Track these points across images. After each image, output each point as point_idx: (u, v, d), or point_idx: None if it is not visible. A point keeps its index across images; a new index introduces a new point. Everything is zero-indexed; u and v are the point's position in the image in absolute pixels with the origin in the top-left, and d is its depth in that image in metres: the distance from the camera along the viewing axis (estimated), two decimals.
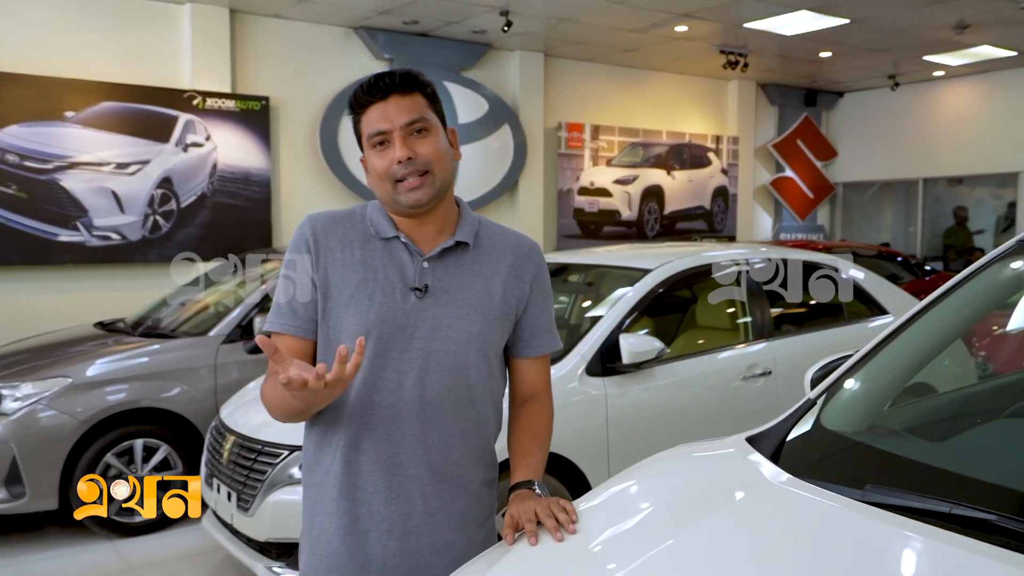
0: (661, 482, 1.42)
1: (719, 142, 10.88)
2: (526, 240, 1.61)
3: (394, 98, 1.44)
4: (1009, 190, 11.43)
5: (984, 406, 1.87)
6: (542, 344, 1.59)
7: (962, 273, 1.91)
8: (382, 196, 1.49)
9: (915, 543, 1.17)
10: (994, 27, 8.00)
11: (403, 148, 1.42)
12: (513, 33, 7.85)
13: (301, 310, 1.47)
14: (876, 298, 4.74)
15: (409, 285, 1.47)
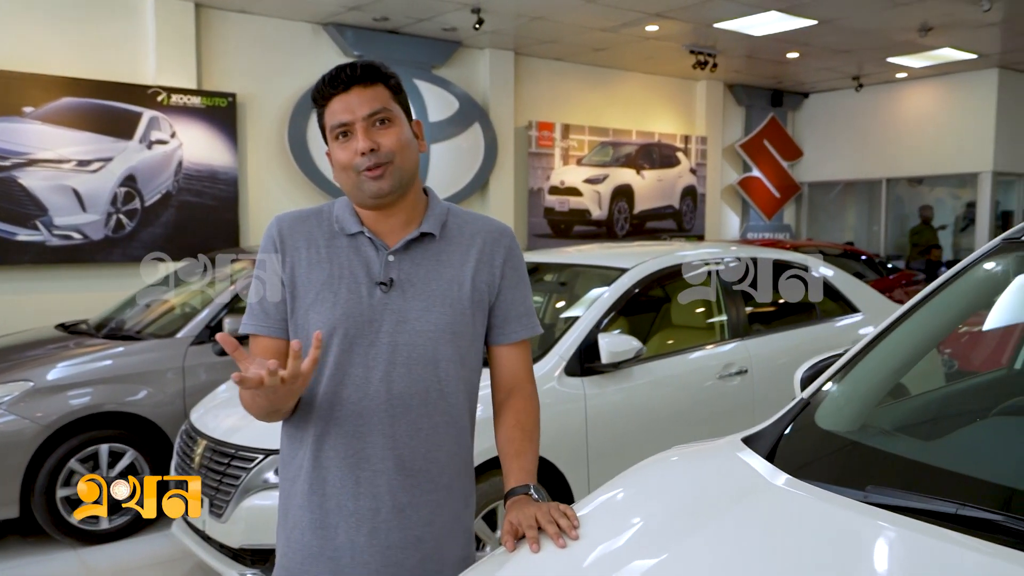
0: (661, 485, 1.39)
1: (688, 142, 10.95)
2: (496, 224, 1.59)
3: (356, 89, 1.44)
4: (967, 190, 11.67)
5: (972, 404, 1.87)
6: (517, 330, 1.57)
7: (950, 272, 1.92)
8: (347, 188, 1.49)
9: (922, 544, 1.15)
10: (956, 30, 8.14)
11: (365, 139, 1.42)
12: (484, 31, 7.80)
13: (273, 310, 1.48)
14: (847, 296, 4.78)
15: (374, 280, 1.47)
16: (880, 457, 1.44)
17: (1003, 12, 7.35)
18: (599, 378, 3.52)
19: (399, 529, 1.46)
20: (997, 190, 10.80)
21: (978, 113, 10.55)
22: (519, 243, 1.64)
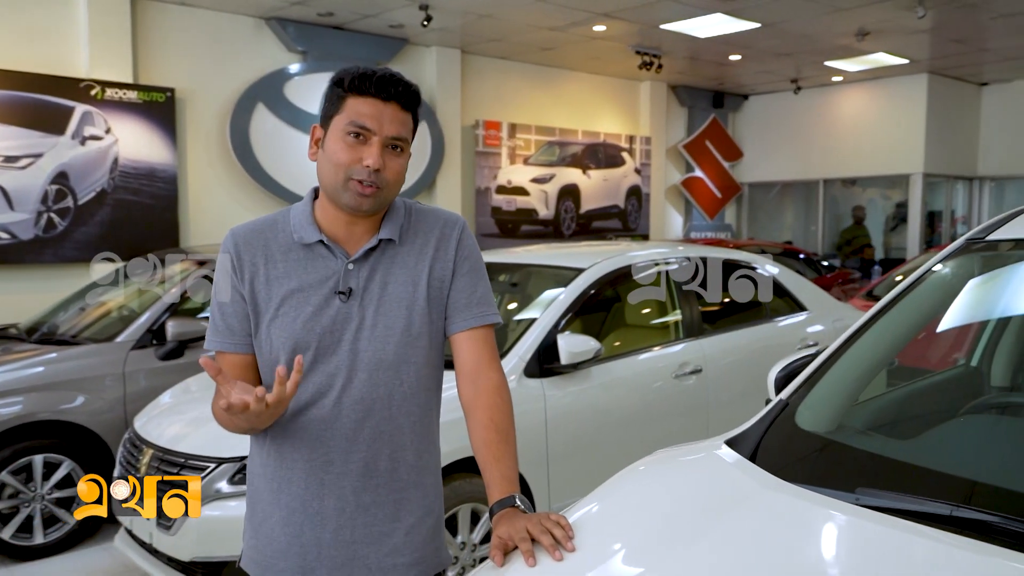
0: (653, 492, 1.36)
1: (632, 142, 11.04)
2: (449, 216, 1.59)
3: (393, 106, 1.43)
4: (897, 191, 12.06)
5: (941, 402, 1.90)
6: (471, 317, 1.55)
7: (917, 272, 1.94)
8: (327, 182, 1.46)
9: (922, 547, 1.15)
10: (891, 35, 8.39)
11: (379, 158, 1.41)
12: (431, 28, 7.72)
13: (237, 326, 1.48)
14: (794, 294, 4.86)
15: (334, 289, 1.47)
16: (866, 459, 1.44)
17: (933, 20, 7.60)
18: (558, 379, 3.50)
19: (364, 526, 1.49)
20: (926, 191, 11.17)
21: (909, 116, 10.90)
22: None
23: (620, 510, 1.32)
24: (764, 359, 4.40)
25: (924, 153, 10.81)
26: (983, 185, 11.98)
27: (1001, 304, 2.15)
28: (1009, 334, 2.23)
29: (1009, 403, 1.64)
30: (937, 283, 1.93)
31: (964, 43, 8.86)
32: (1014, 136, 11.34)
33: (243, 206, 7.61)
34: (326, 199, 1.49)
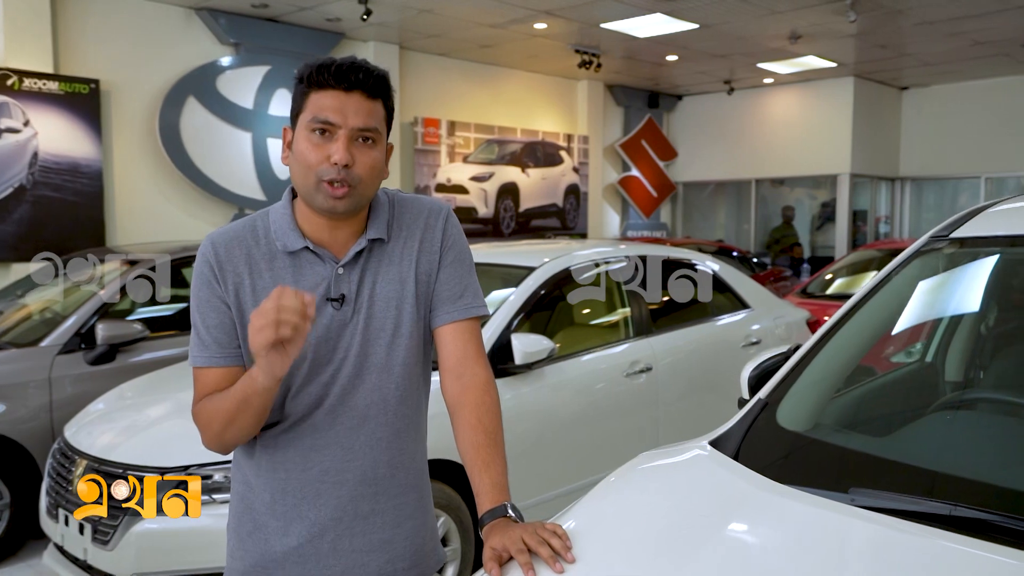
0: (648, 497, 1.32)
1: (570, 141, 11.07)
2: (434, 205, 1.51)
3: (358, 95, 1.33)
4: (823, 191, 12.43)
5: (910, 399, 1.92)
6: (456, 310, 1.47)
7: (885, 269, 1.96)
8: (300, 185, 1.37)
9: (923, 546, 1.13)
10: (822, 39, 8.61)
11: (345, 152, 1.32)
12: (369, 23, 7.57)
13: (225, 339, 1.39)
14: (738, 292, 4.92)
15: (325, 296, 1.39)
16: (853, 458, 1.43)
17: (861, 25, 7.83)
18: (512, 379, 3.44)
19: (363, 534, 1.43)
20: (853, 191, 11.53)
21: (836, 119, 11.23)
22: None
23: (616, 517, 1.27)
24: (711, 357, 4.50)
25: (851, 154, 11.15)
26: (904, 185, 12.44)
27: (954, 301, 2.19)
28: (962, 330, 2.27)
29: (980, 399, 1.66)
30: (902, 281, 1.95)
31: (887, 48, 9.17)
32: (932, 139, 11.81)
33: (174, 203, 7.33)
34: (304, 202, 1.40)
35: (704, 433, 4.64)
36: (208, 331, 1.37)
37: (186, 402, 3.39)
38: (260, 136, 7.80)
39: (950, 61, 9.87)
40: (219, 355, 1.37)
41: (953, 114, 11.53)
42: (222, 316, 1.37)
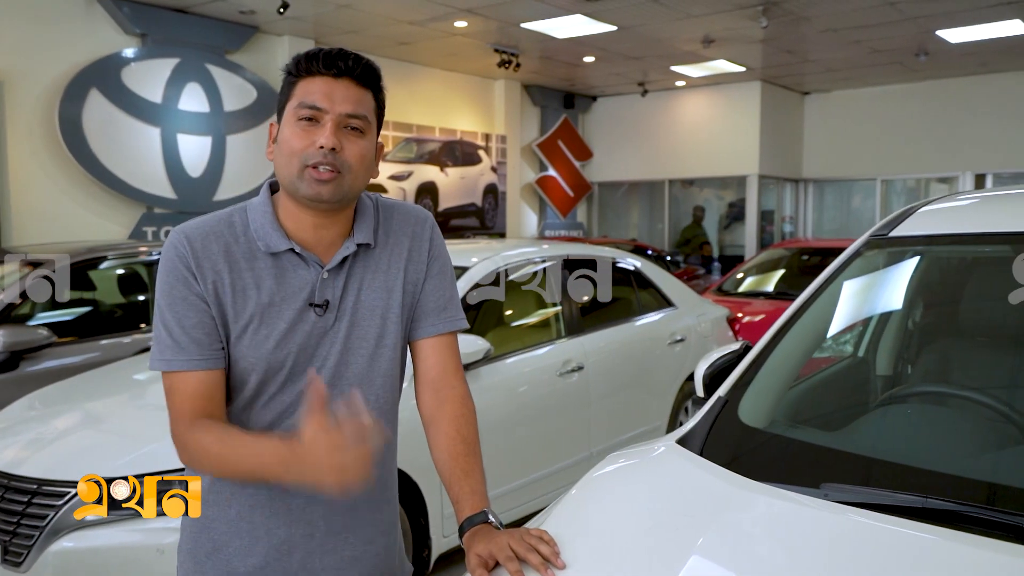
0: (629, 500, 1.31)
1: (488, 140, 11.07)
2: (419, 213, 1.46)
3: (346, 82, 1.28)
4: (729, 191, 12.85)
5: (857, 393, 1.98)
6: (439, 322, 1.42)
7: (829, 268, 2.02)
8: (284, 175, 1.29)
9: (900, 538, 1.16)
10: (733, 44, 8.88)
11: (331, 136, 1.25)
12: (285, 17, 7.36)
13: (205, 339, 1.27)
14: (663, 291, 5.02)
15: (307, 301, 1.31)
16: (817, 453, 1.46)
17: (771, 31, 8.12)
18: None
19: (334, 551, 1.37)
20: (761, 192, 11.95)
21: (745, 121, 11.62)
22: None
23: (599, 520, 1.25)
24: (640, 355, 4.56)
25: (759, 156, 11.55)
26: (807, 187, 12.97)
27: (884, 298, 2.28)
28: (891, 327, 2.37)
29: (926, 392, 1.74)
30: (845, 279, 2.01)
31: (793, 54, 9.54)
32: (832, 142, 12.36)
33: (77, 202, 6.94)
34: (288, 198, 1.32)
35: (635, 429, 4.65)
36: (185, 332, 1.26)
37: (97, 412, 3.24)
38: (169, 132, 7.47)
39: (849, 68, 10.34)
40: (199, 357, 1.26)
41: (851, 119, 12.10)
42: (201, 315, 1.26)
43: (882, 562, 1.13)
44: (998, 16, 7.60)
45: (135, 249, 5.04)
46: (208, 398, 1.25)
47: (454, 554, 3.39)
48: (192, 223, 1.31)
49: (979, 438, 1.50)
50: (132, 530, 2.51)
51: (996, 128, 10.76)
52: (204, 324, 1.27)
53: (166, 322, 1.26)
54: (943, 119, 11.17)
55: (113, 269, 4.96)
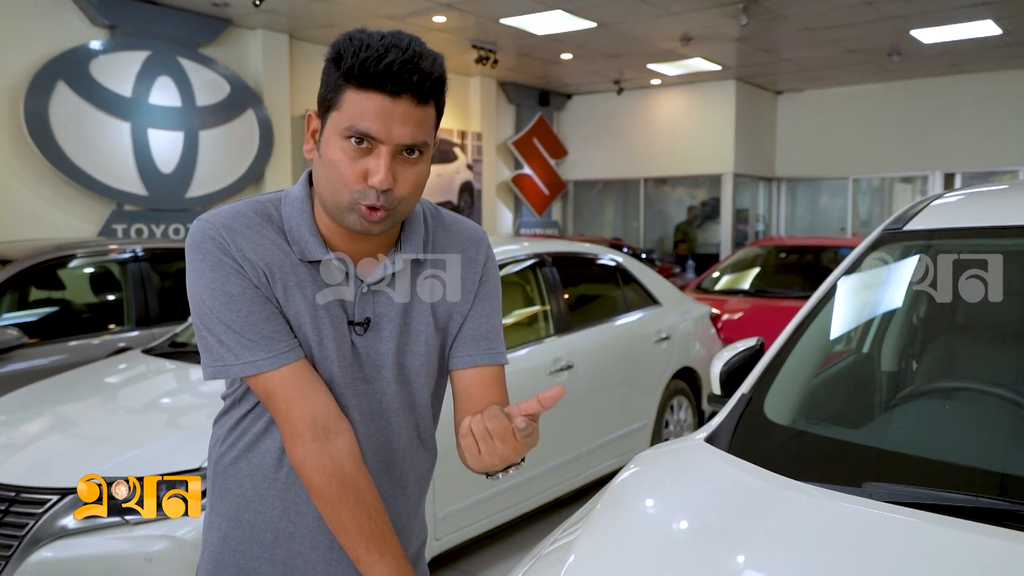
0: (669, 502, 1.25)
1: (464, 138, 10.98)
2: (474, 232, 1.32)
3: (406, 100, 1.09)
4: (701, 190, 12.90)
5: (871, 389, 1.94)
6: (477, 353, 1.27)
7: (844, 263, 1.98)
8: (328, 200, 1.14)
9: (949, 537, 1.12)
10: (711, 42, 8.89)
11: (387, 175, 1.09)
12: (260, 10, 7.21)
13: (284, 329, 1.15)
14: (648, 288, 4.99)
15: (348, 318, 1.19)
16: (855, 451, 1.42)
17: (750, 29, 8.14)
18: None
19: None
20: (736, 190, 12.00)
21: (720, 120, 11.66)
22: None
23: (640, 534, 1.19)
24: (628, 353, 4.52)
25: (734, 155, 11.60)
26: (780, 185, 13.06)
27: (889, 293, 2.25)
28: (909, 321, 2.34)
29: (954, 388, 1.70)
30: (860, 274, 1.98)
31: (770, 52, 9.58)
32: (804, 141, 12.46)
33: (43, 198, 6.73)
34: (325, 208, 1.17)
35: (624, 428, 4.59)
36: (258, 327, 1.12)
37: (69, 416, 3.11)
38: (140, 126, 7.28)
39: (823, 67, 10.42)
40: (287, 348, 1.13)
41: (823, 118, 12.20)
42: (269, 307, 1.13)
43: (938, 562, 1.09)
44: (972, 16, 7.69)
45: (105, 247, 4.89)
46: (315, 396, 1.14)
47: (446, 556, 3.32)
48: (222, 210, 1.17)
49: (1012, 434, 1.46)
50: (118, 538, 2.41)
51: (966, 128, 10.92)
52: (275, 316, 1.14)
53: (229, 322, 1.12)
54: (914, 119, 11.31)
55: (82, 268, 4.81)
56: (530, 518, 4.01)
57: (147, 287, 4.66)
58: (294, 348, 1.15)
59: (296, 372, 1.14)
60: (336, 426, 1.14)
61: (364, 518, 1.14)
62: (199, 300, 1.14)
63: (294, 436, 1.14)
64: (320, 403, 1.14)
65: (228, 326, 1.12)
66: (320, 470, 1.13)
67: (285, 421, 1.14)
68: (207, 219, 1.15)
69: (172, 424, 2.96)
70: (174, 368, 3.46)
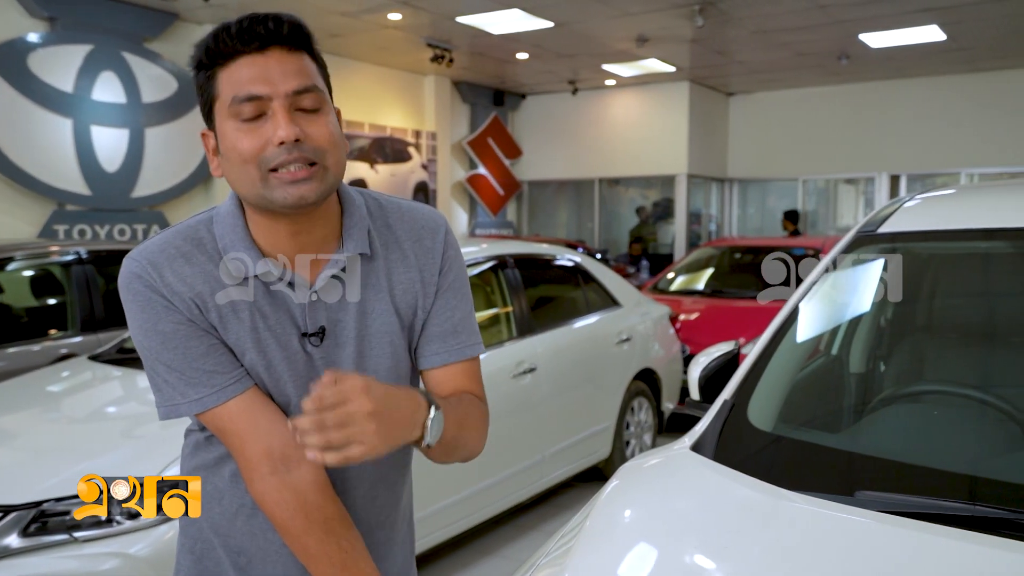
0: (657, 522, 1.20)
1: (418, 137, 10.87)
2: (429, 216, 1.22)
3: (276, 52, 1.04)
4: (654, 191, 12.99)
5: (848, 393, 1.93)
6: (446, 350, 1.20)
7: (820, 266, 1.97)
8: (244, 189, 1.07)
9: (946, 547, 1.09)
10: (666, 43, 8.94)
11: (290, 125, 1.02)
12: (209, 4, 7.01)
13: (227, 361, 1.08)
14: (609, 289, 4.97)
15: (300, 330, 1.11)
16: (849, 459, 1.40)
17: (704, 31, 8.20)
18: None
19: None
20: (689, 190, 12.11)
21: (673, 121, 11.75)
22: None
23: (635, 550, 1.14)
24: (590, 355, 4.49)
25: (687, 156, 11.70)
26: (732, 186, 13.23)
27: (865, 295, 2.25)
28: (871, 323, 2.34)
29: (932, 391, 1.69)
30: (836, 276, 1.97)
31: (724, 55, 9.68)
32: (755, 142, 12.64)
33: None
34: (255, 211, 1.10)
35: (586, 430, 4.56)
36: (197, 363, 1.06)
37: (7, 428, 2.94)
38: (82, 123, 7.01)
39: (775, 70, 10.57)
40: (231, 381, 1.07)
41: (774, 120, 12.39)
42: (208, 339, 1.06)
43: (935, 573, 1.06)
44: (918, 21, 7.86)
45: (46, 249, 4.69)
46: (269, 427, 1.06)
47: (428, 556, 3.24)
48: (150, 245, 1.09)
49: (999, 439, 1.45)
50: (66, 556, 2.28)
51: (911, 131, 11.19)
52: (215, 347, 1.07)
53: (168, 362, 1.06)
54: (861, 121, 11.55)
55: (21, 271, 4.60)
56: (493, 523, 3.95)
57: (92, 290, 4.48)
58: (239, 379, 1.08)
59: (245, 404, 1.07)
60: (295, 455, 1.06)
61: (334, 549, 1.07)
62: (138, 341, 1.08)
63: (251, 471, 1.07)
64: (275, 433, 1.07)
65: (168, 365, 1.06)
66: (281, 504, 1.06)
67: (240, 456, 1.08)
68: (134, 256, 1.09)
69: (121, 434, 2.82)
70: (121, 375, 3.32)
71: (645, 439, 4.99)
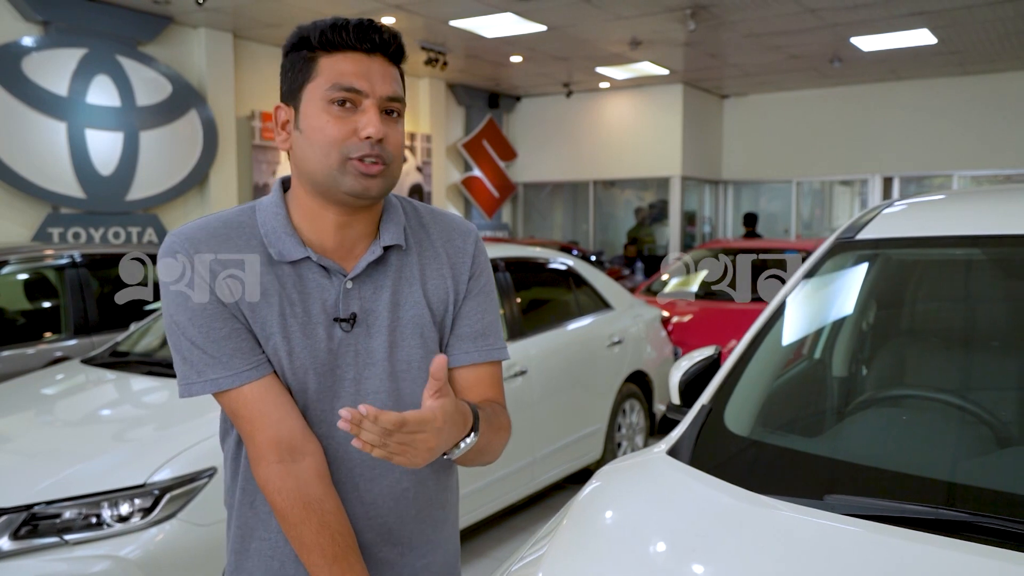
0: (629, 525, 1.23)
1: (413, 140, 10.89)
2: (461, 223, 1.31)
3: (380, 58, 1.14)
4: (649, 192, 13.03)
5: (827, 398, 1.96)
6: (475, 350, 1.25)
7: (798, 272, 2.00)
8: (318, 169, 1.13)
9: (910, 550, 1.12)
10: (659, 46, 8.98)
11: (379, 124, 1.11)
12: (203, 8, 7.03)
13: (247, 347, 1.13)
14: (600, 292, 5.00)
15: (332, 316, 1.17)
16: (815, 462, 1.42)
17: (698, 34, 8.24)
18: None
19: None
20: (684, 193, 12.16)
21: (668, 123, 11.79)
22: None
23: (606, 552, 1.17)
24: (581, 357, 4.52)
25: (682, 158, 11.74)
26: (726, 188, 13.28)
27: (842, 301, 2.28)
28: (864, 329, 2.37)
29: (907, 396, 1.72)
30: (815, 283, 2.00)
31: (717, 57, 9.72)
32: (749, 144, 12.69)
33: None
34: (308, 195, 1.16)
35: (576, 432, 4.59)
36: (218, 344, 1.11)
37: (4, 433, 2.96)
38: (77, 127, 7.03)
39: (768, 72, 10.62)
40: (247, 367, 1.12)
41: (767, 122, 12.44)
42: (232, 322, 1.12)
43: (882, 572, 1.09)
44: (909, 25, 7.91)
45: (40, 252, 4.71)
46: (281, 416, 1.11)
47: None
48: (191, 225, 1.16)
49: (969, 443, 1.48)
50: (56, 559, 2.30)
51: (903, 133, 11.24)
52: (239, 332, 1.12)
53: (192, 338, 1.11)
54: (854, 124, 11.60)
55: (15, 274, 4.62)
56: (485, 525, 3.98)
57: (86, 294, 4.50)
58: (258, 365, 1.13)
59: (260, 391, 1.12)
60: (303, 447, 1.13)
61: (327, 541, 1.12)
62: (168, 315, 1.13)
63: (258, 457, 1.12)
64: (286, 423, 1.12)
65: (192, 342, 1.12)
66: (283, 492, 1.12)
67: (249, 442, 1.13)
68: (174, 233, 1.15)
69: (115, 438, 2.84)
70: (114, 379, 3.34)
71: (637, 441, 5.03)
